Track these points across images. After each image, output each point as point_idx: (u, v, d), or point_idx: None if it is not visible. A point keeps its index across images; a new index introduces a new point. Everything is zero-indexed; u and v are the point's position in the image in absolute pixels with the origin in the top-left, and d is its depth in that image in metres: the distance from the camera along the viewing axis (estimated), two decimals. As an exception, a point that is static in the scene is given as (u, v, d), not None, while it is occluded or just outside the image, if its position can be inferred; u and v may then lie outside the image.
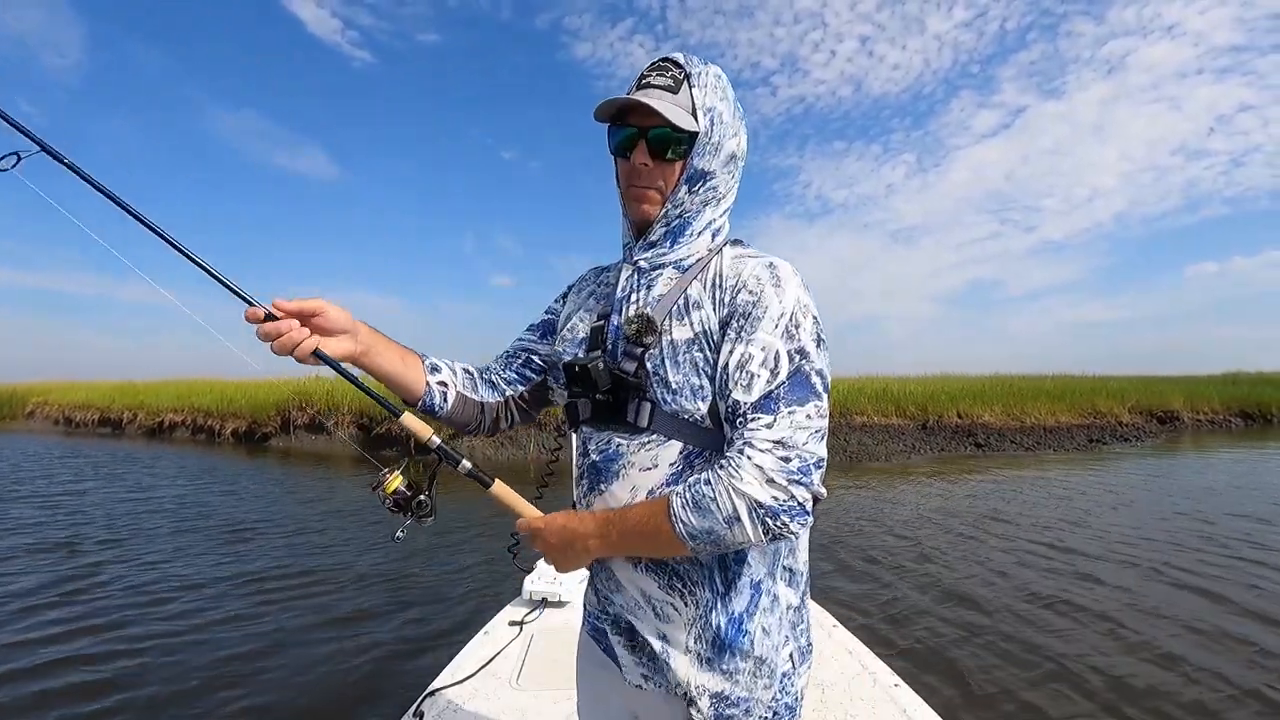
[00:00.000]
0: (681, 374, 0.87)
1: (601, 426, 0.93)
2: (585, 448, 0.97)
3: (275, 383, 17.39)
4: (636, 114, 0.91)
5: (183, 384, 20.55)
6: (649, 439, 0.89)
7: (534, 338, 1.13)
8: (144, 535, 6.26)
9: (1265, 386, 21.40)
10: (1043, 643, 3.62)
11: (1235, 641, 3.61)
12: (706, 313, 0.89)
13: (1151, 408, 17.10)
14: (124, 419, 18.85)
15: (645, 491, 0.88)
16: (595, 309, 1.02)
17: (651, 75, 0.92)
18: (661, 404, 0.88)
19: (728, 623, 0.88)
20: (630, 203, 0.96)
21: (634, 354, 0.90)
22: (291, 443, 14.67)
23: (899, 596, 4.44)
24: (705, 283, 0.92)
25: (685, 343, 0.88)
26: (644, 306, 0.93)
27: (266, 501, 8.04)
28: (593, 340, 0.98)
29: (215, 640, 3.79)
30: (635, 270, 0.97)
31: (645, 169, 0.92)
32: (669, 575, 0.89)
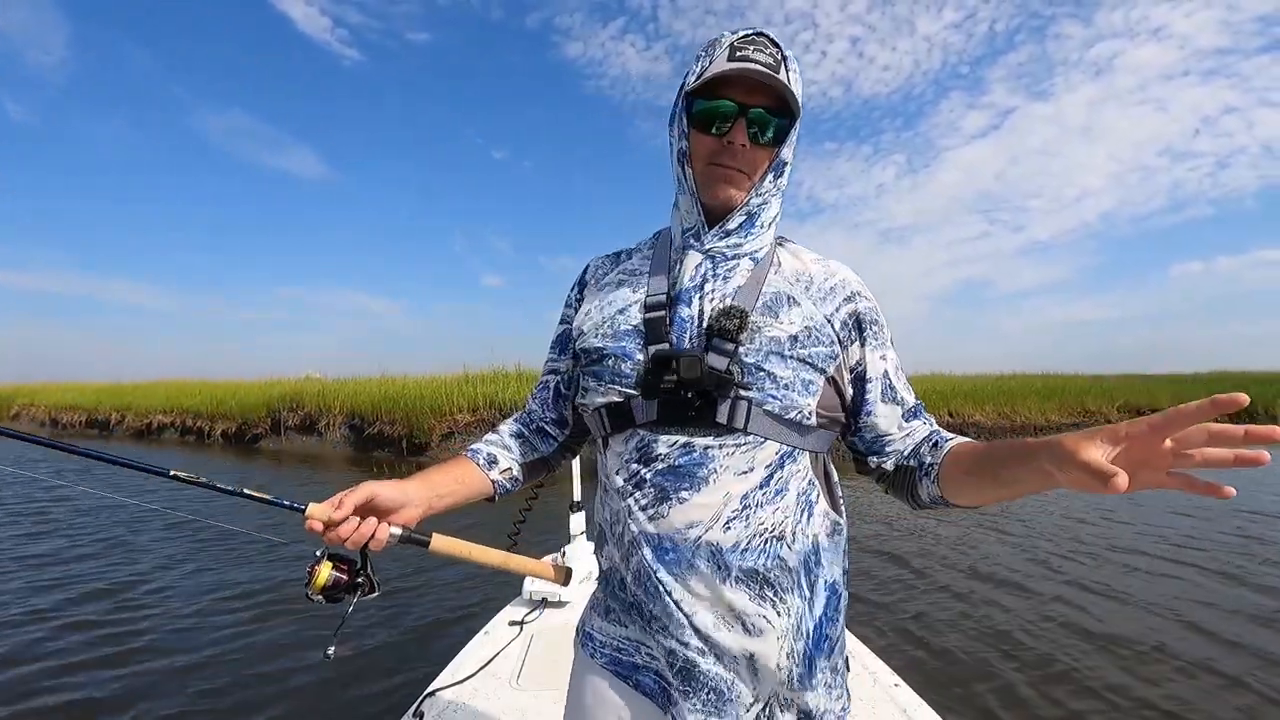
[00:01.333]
0: (790, 369, 0.83)
1: (671, 429, 0.84)
2: (647, 453, 0.85)
3: (266, 383, 17.28)
4: (737, 88, 0.84)
5: (172, 385, 20.38)
6: (744, 440, 0.83)
7: (560, 358, 1.05)
8: (133, 536, 6.21)
9: (1251, 385, 21.65)
10: (1042, 641, 3.64)
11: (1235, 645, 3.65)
12: (808, 310, 0.87)
13: (1140, 406, 17.24)
14: (112, 420, 18.65)
15: (739, 499, 0.82)
16: (634, 298, 0.92)
17: (749, 49, 0.83)
18: (763, 403, 0.82)
19: (814, 629, 0.86)
20: (713, 183, 0.88)
21: (726, 349, 0.83)
22: (282, 444, 14.56)
23: (898, 596, 4.45)
24: (789, 279, 0.90)
25: (789, 339, 0.84)
26: (725, 298, 0.87)
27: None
28: (651, 333, 0.87)
29: (212, 641, 3.75)
30: (708, 258, 0.90)
31: (743, 150, 0.85)
32: (761, 584, 0.83)
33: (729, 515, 0.82)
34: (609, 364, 0.89)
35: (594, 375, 0.91)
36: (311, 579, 0.87)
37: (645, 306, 0.90)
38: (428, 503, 0.92)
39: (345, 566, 0.90)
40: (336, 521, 0.84)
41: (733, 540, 0.82)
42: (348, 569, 0.90)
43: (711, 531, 0.82)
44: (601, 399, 0.90)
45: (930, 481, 0.85)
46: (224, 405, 16.09)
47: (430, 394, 13.27)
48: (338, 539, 0.84)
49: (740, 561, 0.82)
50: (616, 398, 0.88)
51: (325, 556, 0.88)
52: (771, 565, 0.83)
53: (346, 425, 14.03)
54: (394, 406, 13.24)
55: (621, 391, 0.87)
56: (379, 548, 0.87)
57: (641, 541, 0.85)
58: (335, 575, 0.88)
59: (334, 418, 14.14)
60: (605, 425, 0.90)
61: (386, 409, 13.32)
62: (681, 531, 0.82)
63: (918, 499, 0.88)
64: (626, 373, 0.87)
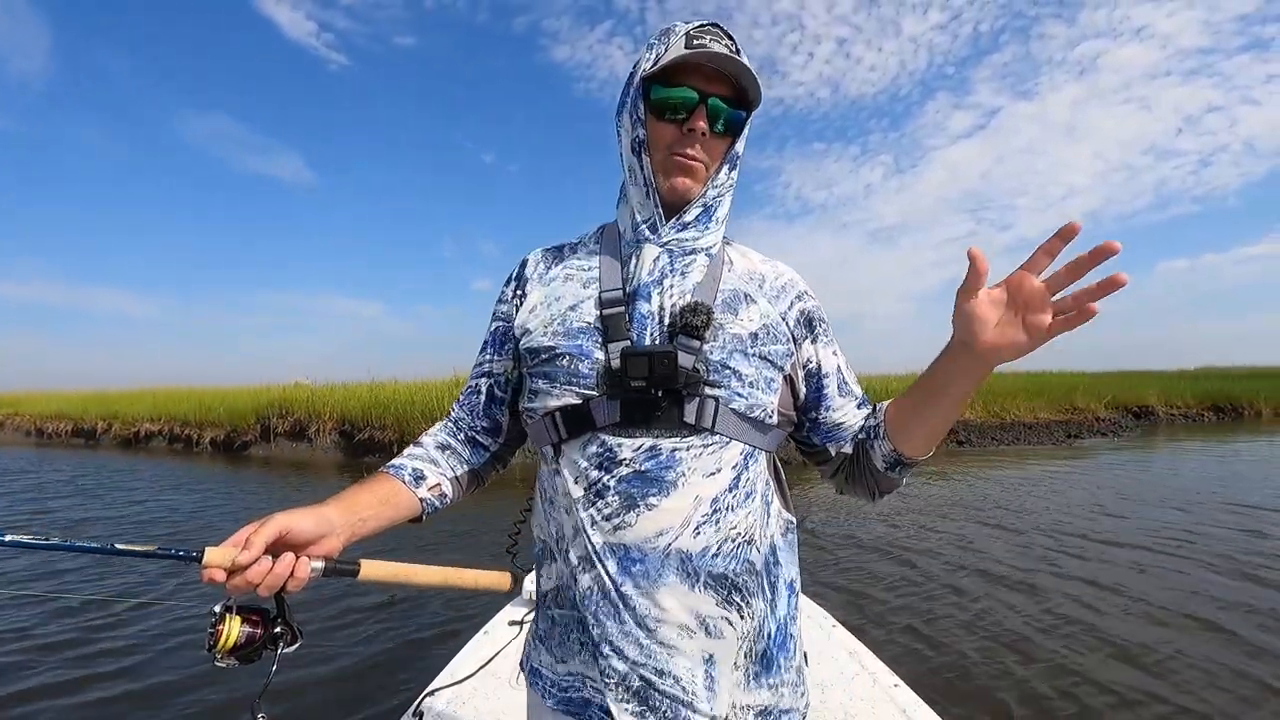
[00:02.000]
0: (753, 367, 0.83)
1: (634, 431, 0.80)
2: (609, 458, 0.80)
3: (255, 390, 17.14)
4: (695, 75, 0.83)
5: (159, 392, 20.16)
6: (711, 440, 0.80)
7: (495, 359, 0.97)
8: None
9: (1236, 380, 21.94)
10: (1043, 639, 3.65)
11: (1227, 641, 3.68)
12: (764, 308, 0.87)
13: (1127, 403, 17.43)
14: (98, 429, 18.44)
15: (709, 502, 0.79)
16: (586, 294, 0.87)
17: (705, 39, 0.82)
18: (729, 400, 0.81)
19: (777, 630, 0.85)
20: (670, 174, 0.85)
21: (692, 347, 0.80)
22: (272, 451, 14.44)
23: (899, 596, 4.45)
24: (743, 277, 0.90)
25: (749, 336, 0.84)
26: (684, 294, 0.85)
27: (253, 509, 7.93)
28: (610, 330, 0.83)
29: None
30: (666, 252, 0.87)
31: (703, 139, 0.84)
32: (728, 589, 0.80)
33: (699, 520, 0.79)
34: (563, 364, 0.83)
35: (546, 376, 0.85)
36: (217, 640, 0.73)
37: (601, 302, 0.85)
38: (350, 529, 0.82)
39: (257, 617, 0.76)
40: (243, 565, 0.72)
41: (702, 545, 0.79)
42: (260, 619, 0.77)
43: (681, 538, 0.78)
44: (556, 401, 0.84)
45: (880, 439, 0.85)
46: (212, 412, 15.94)
47: (421, 398, 13.21)
48: (246, 586, 0.72)
49: (709, 567, 0.79)
50: (574, 399, 0.82)
51: (231, 610, 0.75)
52: (740, 569, 0.81)
53: (337, 431, 13.94)
54: (384, 411, 13.18)
55: (580, 393, 0.82)
56: (298, 588, 0.76)
57: (604, 554, 0.79)
58: (246, 631, 0.75)
59: (324, 424, 14.04)
60: (560, 430, 0.83)
61: (377, 414, 13.25)
62: (650, 540, 0.78)
63: (874, 469, 0.88)
64: (584, 372, 0.82)
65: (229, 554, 0.72)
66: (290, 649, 0.79)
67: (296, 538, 0.76)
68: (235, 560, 0.72)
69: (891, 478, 0.87)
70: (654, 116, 0.85)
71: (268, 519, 0.75)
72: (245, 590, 0.73)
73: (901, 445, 0.83)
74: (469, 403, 1.00)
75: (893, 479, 0.87)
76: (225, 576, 0.72)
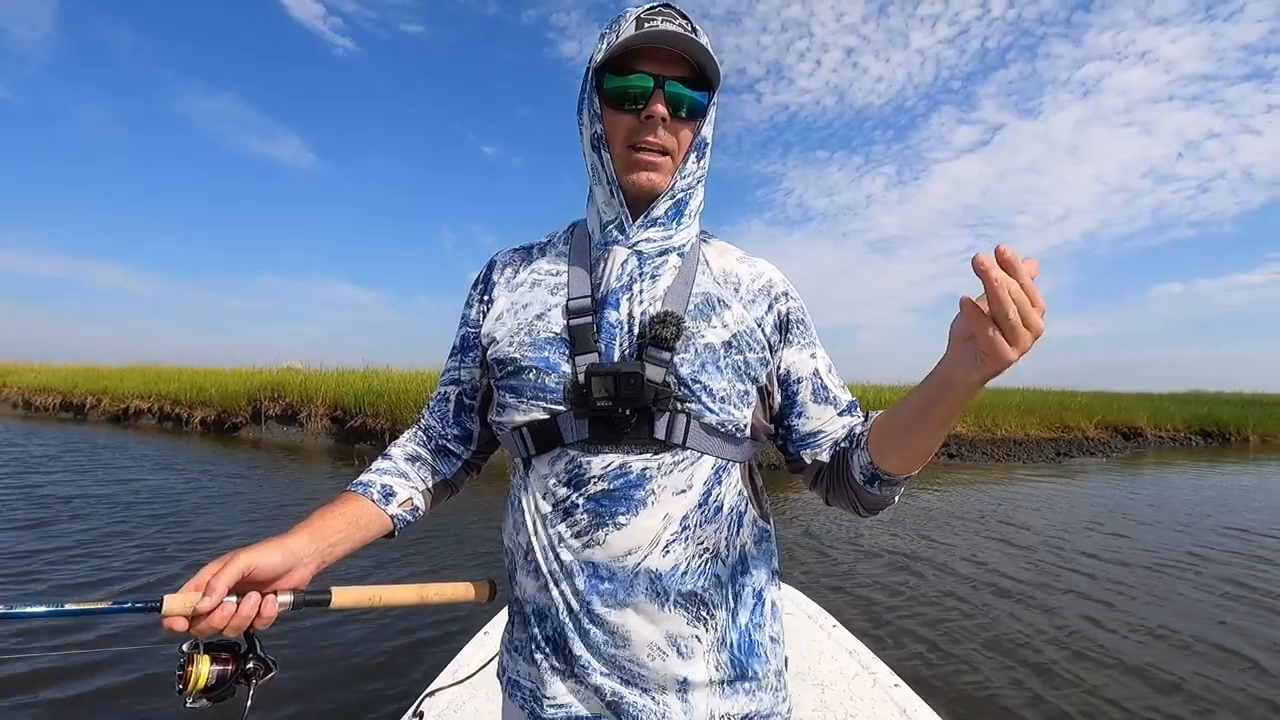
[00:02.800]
0: (726, 380, 0.79)
1: (604, 448, 0.77)
2: (577, 475, 0.78)
3: (247, 372, 17.08)
4: (648, 60, 0.78)
5: (150, 370, 20.07)
6: (681, 457, 0.78)
7: (462, 366, 0.94)
8: (124, 527, 6.11)
9: (1225, 406, 22.10)
10: (1043, 643, 3.68)
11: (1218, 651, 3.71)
12: (738, 313, 0.82)
13: (1117, 423, 17.53)
14: (87, 404, 18.32)
15: (679, 520, 0.77)
16: (553, 301, 0.84)
17: (657, 20, 0.77)
18: (700, 415, 0.77)
19: (739, 638, 0.82)
20: (633, 167, 0.80)
21: (662, 359, 0.77)
22: (262, 433, 14.38)
23: (901, 599, 4.46)
24: (718, 280, 0.85)
25: (722, 346, 0.79)
26: (654, 300, 0.80)
27: (242, 494, 7.91)
28: (577, 341, 0.79)
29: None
30: (635, 254, 0.82)
31: (663, 125, 0.78)
32: (698, 606, 0.79)
33: (668, 539, 0.77)
34: (530, 377, 0.80)
35: (512, 390, 0.82)
36: (187, 681, 0.70)
37: (568, 311, 0.81)
38: (319, 557, 0.78)
39: (227, 655, 0.73)
40: (206, 611, 0.68)
41: (671, 564, 0.77)
42: (231, 657, 0.73)
43: (650, 557, 0.76)
44: (523, 417, 0.81)
45: (860, 449, 0.78)
46: (204, 392, 15.86)
47: (415, 388, 13.19)
48: (210, 630, 0.69)
49: (679, 585, 0.77)
50: (541, 415, 0.79)
51: (199, 649, 0.71)
52: (708, 584, 0.79)
53: (328, 417, 13.90)
54: (377, 399, 13.14)
55: (547, 408, 0.79)
56: (266, 625, 0.73)
57: (573, 571, 0.77)
58: (217, 670, 0.71)
59: (316, 409, 13.99)
60: (528, 446, 0.81)
61: (370, 401, 13.22)
62: (620, 559, 0.76)
63: (852, 481, 0.81)
64: (551, 387, 0.79)
65: (190, 600, 0.68)
66: (264, 681, 0.75)
67: (262, 574, 0.72)
68: (196, 608, 0.68)
69: (872, 493, 0.80)
70: (610, 108, 0.80)
71: (230, 558, 0.71)
72: (209, 633, 0.70)
73: (879, 460, 0.76)
74: (439, 410, 0.96)
75: (874, 495, 0.80)
76: (188, 624, 0.69)
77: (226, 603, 0.69)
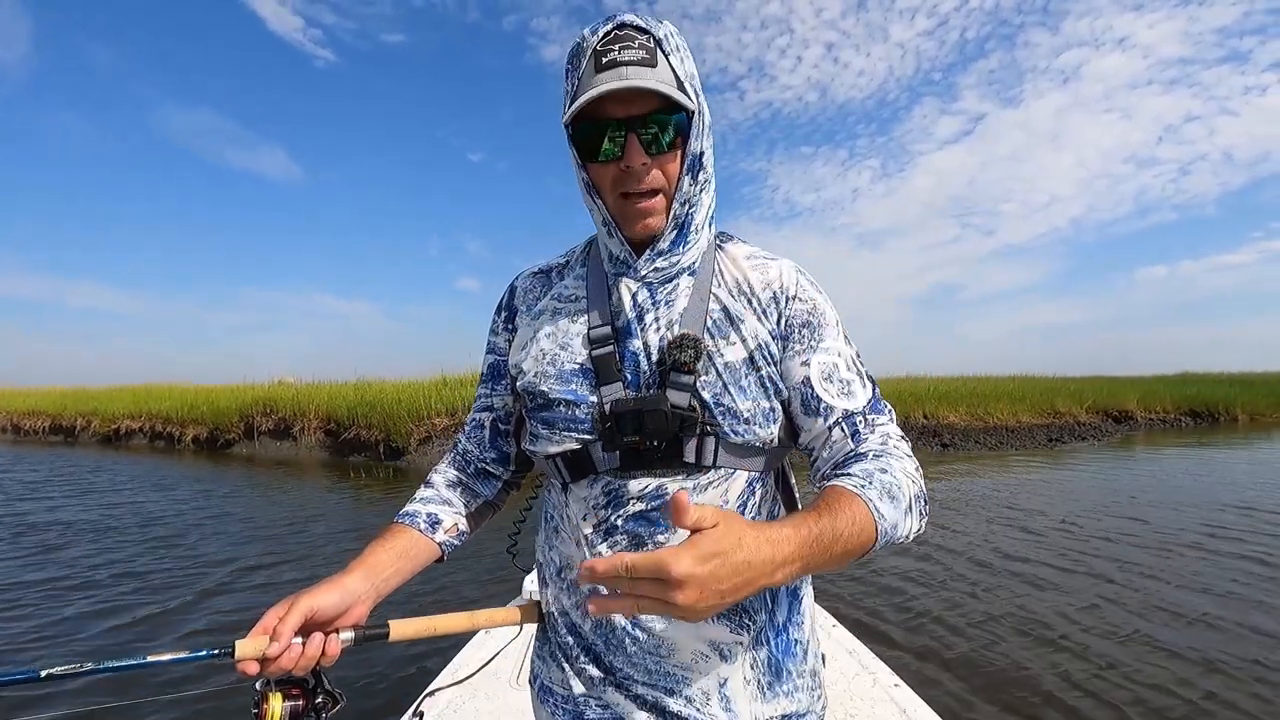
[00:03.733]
0: (751, 400, 0.78)
1: (637, 473, 0.78)
2: (615, 499, 0.79)
3: (239, 388, 16.97)
4: (615, 102, 0.73)
5: (140, 389, 19.90)
6: (714, 476, 0.78)
7: (494, 393, 0.96)
8: (116, 535, 6.06)
9: (1213, 386, 22.32)
10: (1040, 638, 3.68)
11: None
12: (753, 327, 0.80)
13: (1107, 407, 17.68)
14: (77, 426, 18.16)
15: None
16: (575, 330, 0.84)
17: (615, 50, 0.72)
18: (727, 437, 0.77)
19: (777, 639, 0.82)
20: (630, 219, 0.78)
21: (685, 384, 0.76)
22: (256, 449, 14.30)
23: (902, 597, 4.48)
24: (732, 291, 0.83)
25: (743, 363, 0.78)
26: (671, 325, 0.80)
27: (236, 513, 7.87)
28: (600, 371, 0.79)
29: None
30: (644, 286, 0.82)
31: (645, 169, 0.75)
32: (740, 614, 0.79)
33: None
34: (560, 410, 0.81)
35: (544, 423, 0.83)
36: (263, 718, 0.75)
37: (590, 340, 0.81)
38: (374, 592, 0.82)
39: (297, 691, 0.78)
40: (276, 655, 0.72)
41: None
42: (301, 692, 0.78)
43: None
44: (556, 448, 0.82)
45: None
46: (195, 410, 15.76)
47: (407, 398, 13.14)
48: (279, 672, 0.73)
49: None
50: (574, 445, 0.80)
51: (271, 686, 0.76)
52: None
53: (322, 430, 13.83)
54: (370, 411, 13.09)
55: (579, 439, 0.80)
56: (331, 663, 0.77)
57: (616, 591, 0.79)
58: (290, 705, 0.76)
59: (309, 422, 13.93)
60: (564, 474, 0.83)
61: (363, 413, 13.16)
62: None
63: None
64: (581, 418, 0.79)
65: (259, 645, 0.73)
66: (332, 712, 0.80)
67: (323, 615, 0.76)
68: (265, 653, 0.73)
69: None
70: (588, 160, 0.77)
71: (293, 602, 0.74)
72: (279, 673, 0.74)
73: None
74: (475, 436, 0.98)
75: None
76: (259, 667, 0.72)
77: (293, 645, 0.73)
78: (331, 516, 7.51)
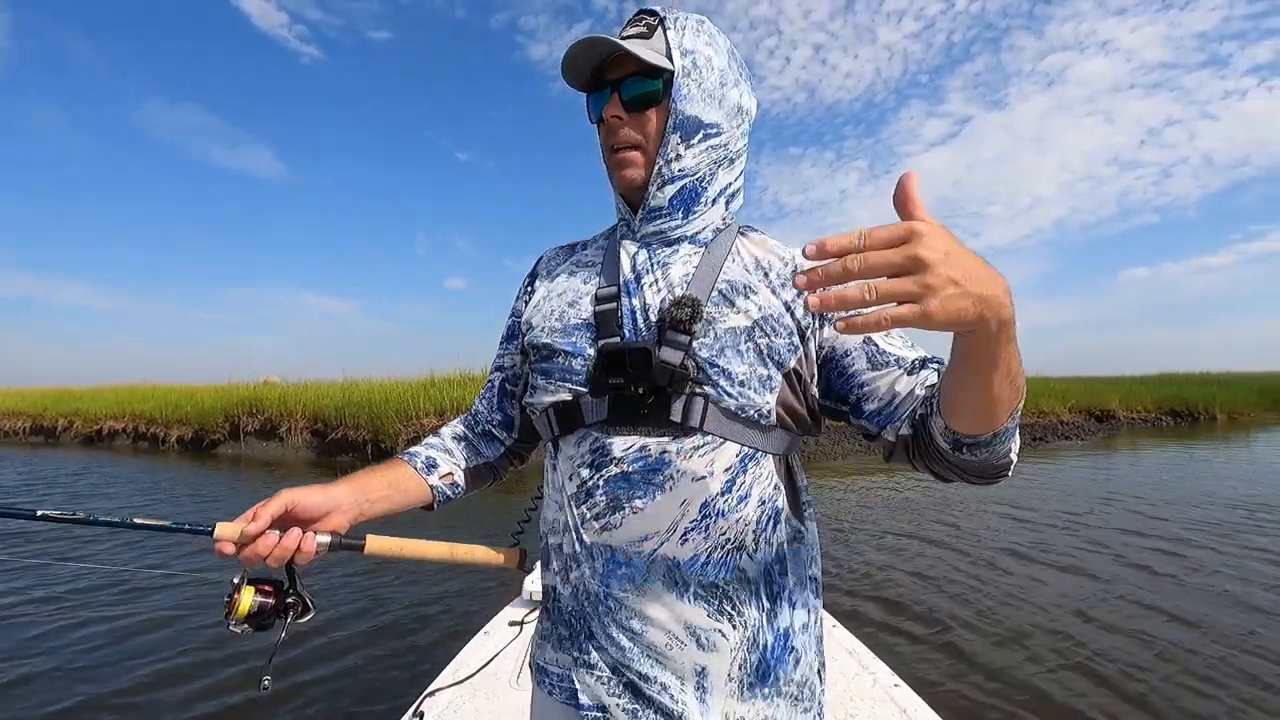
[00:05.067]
0: (746, 364, 0.77)
1: (624, 429, 0.78)
2: (598, 457, 0.79)
3: (224, 388, 16.79)
4: (613, 69, 0.84)
5: (123, 389, 19.63)
6: (702, 442, 0.77)
7: (507, 353, 0.99)
8: (122, 543, 5.99)
9: (1193, 387, 22.66)
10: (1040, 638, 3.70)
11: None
12: (765, 298, 0.81)
13: (1090, 407, 17.91)
14: (59, 427, 17.90)
15: (697, 508, 0.76)
16: (585, 290, 0.87)
17: (625, 29, 0.85)
18: (719, 399, 0.77)
19: (774, 641, 0.80)
20: (613, 171, 0.85)
21: (680, 343, 0.77)
22: (242, 450, 14.17)
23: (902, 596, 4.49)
24: (748, 267, 0.85)
25: (744, 331, 0.78)
26: (672, 287, 0.82)
27: (229, 506, 7.80)
28: (601, 326, 0.82)
29: (214, 643, 3.65)
30: (643, 246, 0.86)
31: (618, 123, 0.82)
32: (719, 599, 0.77)
33: (686, 526, 0.76)
34: (559, 361, 0.84)
35: (543, 373, 0.86)
36: (231, 608, 0.77)
37: (596, 299, 0.85)
38: (358, 508, 0.85)
39: (270, 588, 0.80)
40: (252, 536, 0.75)
41: (690, 553, 0.76)
42: (273, 590, 0.80)
43: (668, 545, 0.76)
44: (550, 398, 0.84)
45: (935, 415, 0.71)
46: (180, 410, 15.57)
47: (395, 397, 13.07)
48: (255, 557, 0.76)
49: (700, 576, 0.77)
50: (566, 396, 0.82)
51: (245, 580, 0.78)
52: (731, 578, 0.78)
53: (309, 430, 13.73)
54: (358, 410, 13.01)
55: (571, 389, 0.82)
56: (306, 560, 0.79)
57: (594, 554, 0.79)
58: (259, 600, 0.78)
59: (295, 422, 13.81)
60: (554, 426, 0.84)
61: (350, 413, 13.08)
62: (636, 544, 0.77)
63: (940, 449, 0.73)
64: (576, 369, 0.82)
65: (238, 528, 0.76)
66: (303, 620, 0.82)
67: (304, 513, 0.80)
68: (243, 531, 0.76)
69: (965, 459, 0.71)
70: (595, 124, 0.88)
71: (276, 495, 0.78)
72: (254, 562, 0.77)
73: (950, 421, 0.69)
74: (486, 396, 1.02)
75: (969, 460, 0.71)
76: (234, 549, 0.76)
77: (270, 533, 0.77)
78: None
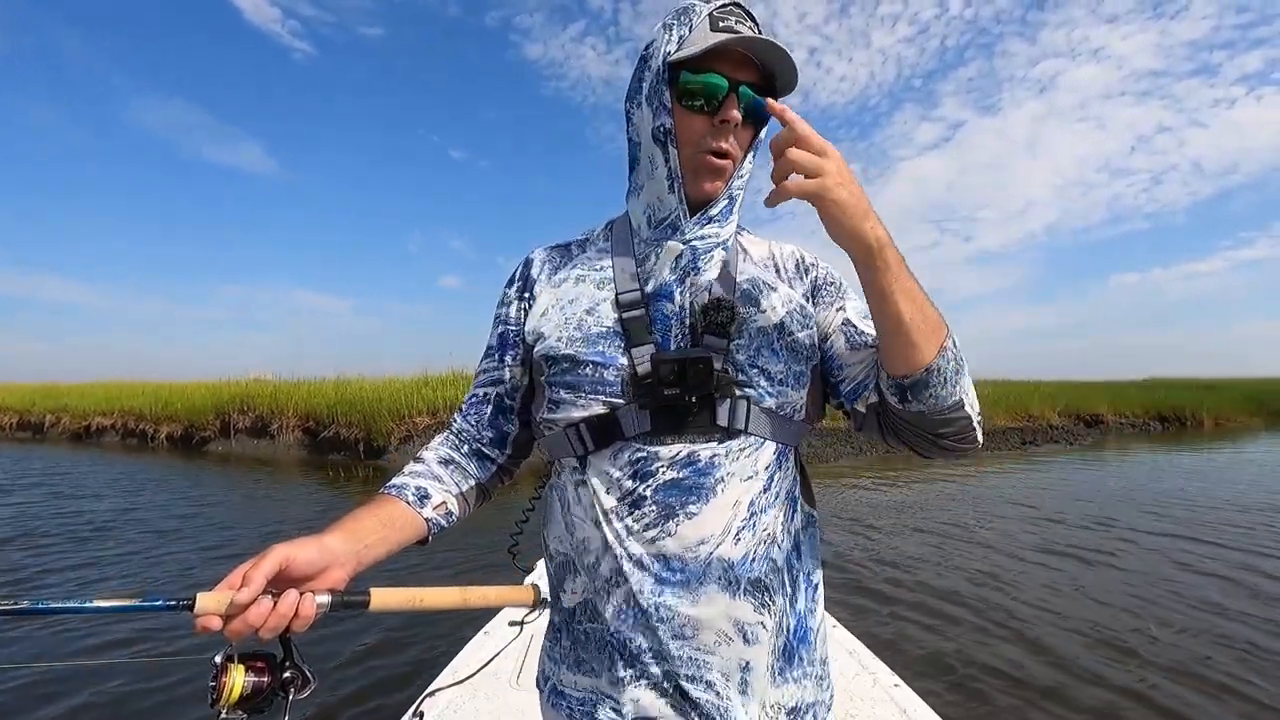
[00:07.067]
0: (782, 363, 0.80)
1: (668, 438, 0.77)
2: (642, 467, 0.77)
3: (214, 385, 16.69)
4: (723, 61, 0.77)
5: (111, 385, 19.47)
6: (746, 443, 0.78)
7: (503, 366, 0.92)
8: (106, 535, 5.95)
9: (1181, 391, 22.90)
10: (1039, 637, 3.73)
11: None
12: (785, 293, 0.84)
13: (1079, 411, 18.05)
14: (46, 422, 17.74)
15: (747, 507, 0.77)
16: (601, 295, 0.84)
17: (730, 20, 0.77)
18: (760, 400, 0.79)
19: (796, 625, 0.82)
20: (700, 175, 0.81)
21: (719, 346, 0.78)
22: (232, 447, 14.08)
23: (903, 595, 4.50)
24: (759, 264, 0.87)
25: (775, 328, 0.81)
26: (700, 291, 0.81)
27: (223, 506, 7.77)
28: (631, 334, 0.79)
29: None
30: (690, 249, 0.82)
31: (735, 130, 0.79)
32: (762, 592, 0.78)
33: (739, 526, 0.76)
34: (587, 372, 0.79)
35: (568, 386, 0.81)
36: (220, 693, 0.66)
37: (619, 304, 0.81)
38: (355, 557, 0.76)
39: (262, 664, 0.69)
40: (243, 606, 0.65)
41: (742, 552, 0.76)
42: (266, 665, 0.69)
43: (723, 545, 0.76)
44: (581, 413, 0.79)
45: (880, 372, 0.78)
46: (169, 406, 15.46)
47: (388, 396, 13.02)
48: (246, 629, 0.65)
49: (749, 573, 0.77)
50: (601, 409, 0.78)
51: (232, 658, 0.67)
52: (768, 570, 0.78)
53: (300, 428, 13.65)
54: (350, 409, 12.94)
55: (607, 402, 0.78)
56: (304, 627, 0.68)
57: (644, 564, 0.76)
58: (252, 680, 0.67)
59: (287, 420, 13.73)
60: (586, 442, 0.79)
61: (343, 411, 13.01)
62: (692, 549, 0.75)
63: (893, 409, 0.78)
64: (610, 380, 0.78)
65: (224, 598, 0.64)
66: (303, 694, 0.71)
67: (298, 571, 0.70)
68: (232, 601, 0.64)
69: (913, 410, 0.75)
70: (680, 105, 0.79)
71: (265, 553, 0.68)
72: (246, 635, 0.66)
73: (887, 365, 0.75)
74: (475, 413, 0.94)
75: (915, 411, 0.75)
76: (222, 623, 0.65)
77: (262, 600, 0.66)
78: (310, 516, 7.43)
